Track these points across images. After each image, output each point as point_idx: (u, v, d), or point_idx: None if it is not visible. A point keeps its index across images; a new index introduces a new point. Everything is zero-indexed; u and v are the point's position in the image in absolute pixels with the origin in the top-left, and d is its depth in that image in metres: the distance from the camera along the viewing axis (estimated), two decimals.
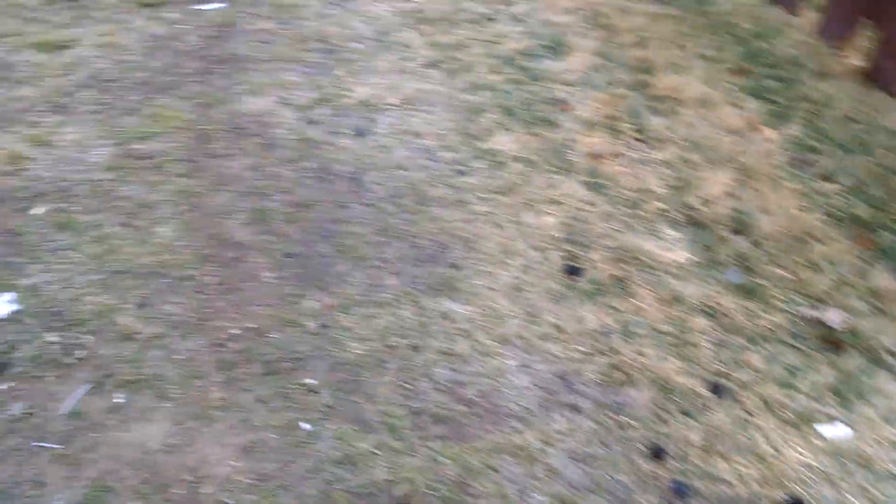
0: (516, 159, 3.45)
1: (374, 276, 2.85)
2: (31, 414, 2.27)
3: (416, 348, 2.56)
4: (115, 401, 2.33)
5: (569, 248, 3.00)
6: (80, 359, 2.45)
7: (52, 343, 2.48)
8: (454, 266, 2.90)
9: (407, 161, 3.41)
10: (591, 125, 3.66)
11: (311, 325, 2.64)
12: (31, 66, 3.78)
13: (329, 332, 2.61)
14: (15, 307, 2.58)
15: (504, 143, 3.54)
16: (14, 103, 3.53)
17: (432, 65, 4.09)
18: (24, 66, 3.78)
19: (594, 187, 3.30)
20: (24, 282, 2.69)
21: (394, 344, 2.57)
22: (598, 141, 3.55)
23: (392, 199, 3.19)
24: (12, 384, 2.35)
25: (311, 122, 3.61)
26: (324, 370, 2.48)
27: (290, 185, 3.24)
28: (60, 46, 3.92)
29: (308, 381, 2.44)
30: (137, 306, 2.64)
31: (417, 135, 3.57)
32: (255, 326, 2.61)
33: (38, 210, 2.99)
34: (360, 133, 3.57)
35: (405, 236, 3.02)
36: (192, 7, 4.41)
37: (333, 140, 3.51)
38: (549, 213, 3.15)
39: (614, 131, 3.63)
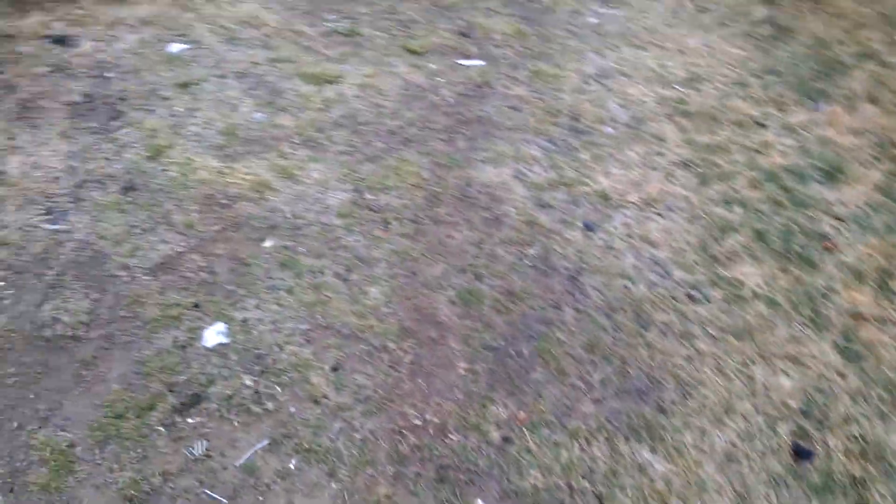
0: (760, 297, 3.09)
1: (571, 396, 2.66)
2: (209, 456, 2.35)
3: (600, 499, 2.33)
4: (288, 465, 2.35)
5: (802, 423, 2.61)
6: (267, 410, 2.50)
7: (247, 387, 2.56)
8: (662, 410, 2.63)
9: (634, 271, 3.18)
10: (857, 275, 3.21)
11: (495, 435, 2.51)
12: (296, 96, 4.04)
13: (511, 449, 2.47)
14: (223, 339, 2.71)
15: (749, 274, 3.20)
16: (273, 130, 3.78)
17: (684, 165, 3.82)
18: (289, 94, 4.06)
19: (848, 355, 2.86)
20: (238, 315, 2.82)
21: (577, 486, 2.37)
22: (862, 297, 3.09)
23: (609, 312, 2.99)
24: (201, 420, 2.45)
25: (542, 204, 3.50)
26: (496, 494, 2.33)
27: (506, 270, 3.15)
28: (326, 80, 4.17)
29: (478, 502, 2.30)
30: (332, 368, 2.66)
31: (652, 243, 3.33)
32: (438, 422, 2.53)
33: (268, 243, 3.14)
34: (589, 227, 3.40)
35: (614, 359, 2.80)
36: (453, 60, 4.51)
37: (561, 230, 3.37)
38: (786, 374, 2.78)
39: (885, 290, 3.15)
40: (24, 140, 3.57)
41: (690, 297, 3.09)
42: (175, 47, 4.35)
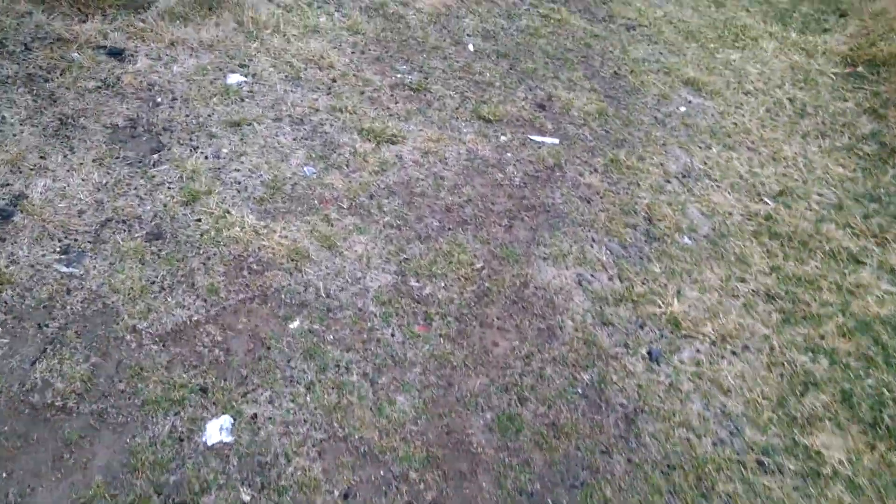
0: (840, 477, 2.76)
1: None
2: None
3: None
4: None
5: None
6: None
7: (244, 503, 2.30)
8: None
9: (699, 422, 2.88)
10: None
11: None
12: (351, 153, 3.83)
13: None
14: (226, 438, 2.47)
15: (831, 445, 2.87)
16: (321, 189, 3.57)
17: (768, 297, 3.51)
18: (345, 149, 3.85)
19: None
20: (248, 409, 2.58)
21: None
22: None
23: (666, 470, 2.68)
24: None
25: (604, 321, 3.22)
26: None
27: (554, 396, 2.86)
28: (386, 139, 3.96)
29: None
30: (342, 495, 2.40)
31: (723, 389, 3.02)
32: None
33: (295, 324, 2.90)
34: (654, 358, 3.10)
35: None
36: (525, 135, 4.27)
37: (622, 356, 3.08)
38: None
39: None
40: (55, 162, 3.41)
41: (761, 464, 2.77)
42: (233, 79, 4.18)
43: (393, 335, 2.97)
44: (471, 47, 5.01)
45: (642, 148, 4.39)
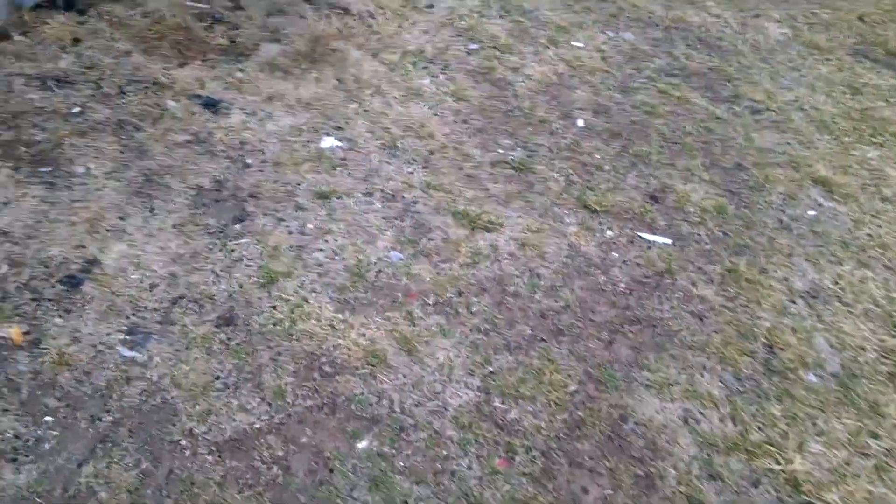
0: None
1: None
2: None
3: None
4: None
5: None
6: None
7: None
8: None
9: None
10: None
11: None
12: (442, 239, 3.61)
13: None
14: None
15: None
16: (407, 280, 3.35)
17: None
18: (436, 234, 3.63)
19: None
20: None
21: None
22: None
23: None
24: None
25: (712, 473, 2.88)
26: None
27: None
28: (482, 226, 3.72)
29: None
30: None
31: None
32: None
33: (363, 444, 2.67)
34: None
35: None
36: (634, 231, 3.97)
37: None
38: None
39: None
40: (134, 224, 3.31)
41: None
42: (327, 142, 4.04)
43: (470, 468, 2.71)
44: (580, 122, 4.75)
45: (765, 257, 4.01)
